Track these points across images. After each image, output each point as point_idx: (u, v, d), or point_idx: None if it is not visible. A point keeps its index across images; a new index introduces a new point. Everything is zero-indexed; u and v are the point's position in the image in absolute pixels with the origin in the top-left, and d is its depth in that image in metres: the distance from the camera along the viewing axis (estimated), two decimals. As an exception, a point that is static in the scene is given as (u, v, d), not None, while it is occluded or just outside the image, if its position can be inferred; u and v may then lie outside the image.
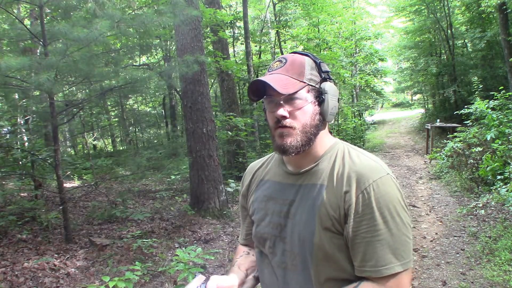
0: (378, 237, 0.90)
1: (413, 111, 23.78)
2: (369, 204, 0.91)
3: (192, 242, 4.82)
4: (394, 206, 0.92)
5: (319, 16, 13.29)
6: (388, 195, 0.92)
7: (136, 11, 6.20)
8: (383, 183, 0.93)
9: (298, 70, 1.00)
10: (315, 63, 1.03)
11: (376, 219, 0.90)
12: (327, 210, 0.96)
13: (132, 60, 8.19)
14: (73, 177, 8.28)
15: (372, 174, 0.94)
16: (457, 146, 7.43)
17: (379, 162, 1.00)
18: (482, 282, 3.44)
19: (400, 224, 0.91)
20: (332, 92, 1.02)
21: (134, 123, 14.24)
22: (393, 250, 0.90)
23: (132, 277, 2.56)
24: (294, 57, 1.03)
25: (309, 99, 1.00)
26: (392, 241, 0.90)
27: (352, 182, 0.95)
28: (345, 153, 1.03)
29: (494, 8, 11.26)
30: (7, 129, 7.69)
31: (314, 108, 1.01)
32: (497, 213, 5.02)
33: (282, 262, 1.04)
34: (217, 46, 8.75)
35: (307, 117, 1.00)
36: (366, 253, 0.91)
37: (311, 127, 1.00)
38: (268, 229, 1.08)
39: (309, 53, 1.05)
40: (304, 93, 0.99)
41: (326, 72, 1.04)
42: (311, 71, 1.02)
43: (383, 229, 0.90)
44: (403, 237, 0.91)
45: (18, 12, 7.63)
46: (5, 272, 3.74)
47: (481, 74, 13.25)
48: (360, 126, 14.26)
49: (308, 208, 0.99)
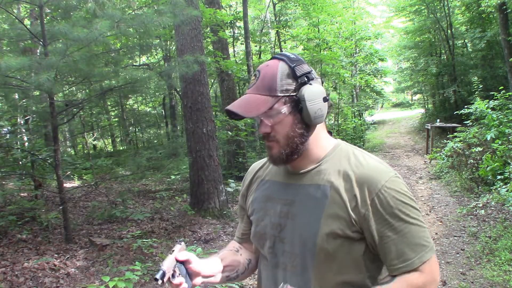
0: (402, 233, 0.93)
1: (413, 111, 23.77)
2: (386, 205, 0.93)
3: (192, 242, 4.82)
4: (408, 202, 0.95)
5: (319, 16, 13.29)
6: (401, 193, 0.95)
7: (136, 11, 6.20)
8: (394, 183, 0.95)
9: (268, 85, 0.97)
10: (289, 68, 0.98)
11: (397, 217, 0.93)
12: (336, 212, 0.95)
13: (132, 60, 8.20)
14: (73, 177, 8.29)
15: (382, 176, 0.96)
16: (457, 146, 7.43)
17: (384, 163, 1.01)
18: (482, 282, 3.44)
19: (416, 216, 0.95)
20: (311, 97, 0.96)
21: (134, 123, 14.25)
22: (418, 241, 0.94)
23: (132, 277, 2.56)
24: (266, 69, 0.99)
25: (284, 110, 0.97)
26: (416, 233, 0.94)
27: (363, 185, 0.95)
28: (350, 154, 1.02)
29: (494, 8, 11.25)
30: (7, 129, 7.70)
31: (293, 118, 0.98)
32: (497, 213, 5.02)
33: (282, 263, 1.04)
34: (217, 46, 8.75)
35: (287, 129, 0.99)
36: (396, 252, 0.94)
37: (294, 137, 0.99)
38: (267, 229, 1.07)
39: (285, 56, 1.00)
40: (279, 107, 0.97)
41: (304, 75, 0.98)
42: (284, 81, 0.97)
43: (405, 225, 0.93)
44: (422, 228, 0.96)
45: (18, 12, 7.63)
46: (5, 272, 3.74)
47: (481, 74, 13.25)
48: (360, 126, 14.26)
49: (311, 209, 0.98)
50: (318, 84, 1.00)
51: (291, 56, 1.00)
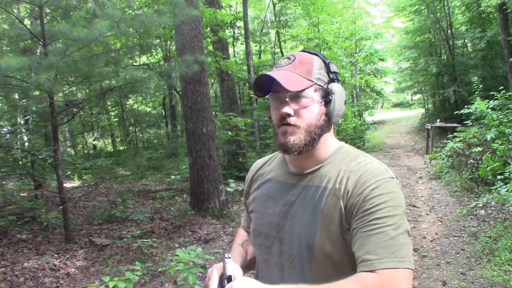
0: (374, 232, 0.87)
1: (413, 111, 23.79)
2: (369, 200, 0.90)
3: (192, 242, 4.82)
4: (394, 205, 0.90)
5: (319, 16, 13.30)
6: (391, 194, 0.91)
7: (136, 11, 6.20)
8: (387, 184, 0.93)
9: (306, 68, 0.99)
10: (323, 63, 1.02)
11: (375, 214, 0.89)
12: (330, 212, 0.95)
13: (132, 60, 8.20)
14: (73, 177, 8.29)
15: (376, 175, 0.94)
16: (457, 146, 7.43)
17: (383, 166, 0.99)
18: (482, 282, 3.44)
19: (397, 226, 0.88)
20: (339, 94, 1.01)
21: (134, 123, 14.26)
22: (388, 246, 0.86)
23: (132, 277, 2.56)
24: (303, 55, 1.02)
25: (315, 98, 0.98)
26: (389, 238, 0.87)
27: (355, 183, 0.94)
28: (352, 157, 1.02)
29: (494, 8, 11.25)
30: (7, 129, 7.70)
31: (320, 108, 0.99)
32: (497, 213, 5.02)
33: (279, 263, 1.03)
34: (217, 46, 8.75)
35: (313, 117, 0.98)
36: (362, 247, 0.88)
37: (316, 127, 0.99)
38: (266, 229, 1.07)
39: (318, 53, 1.04)
40: (311, 92, 0.98)
41: (335, 73, 1.03)
42: (319, 71, 1.00)
43: (380, 225, 0.88)
44: (400, 238, 0.88)
45: (18, 12, 7.63)
46: (5, 272, 3.74)
47: (481, 74, 13.24)
48: (360, 126, 14.27)
49: (309, 210, 0.98)
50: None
51: (323, 56, 1.04)
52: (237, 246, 1.23)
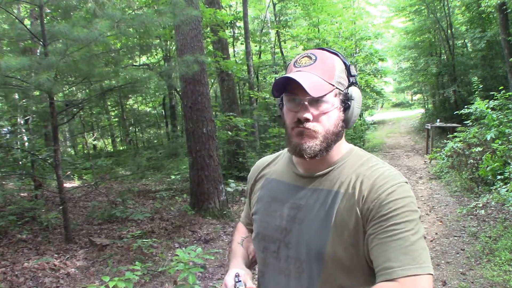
0: (394, 238, 0.85)
1: (413, 111, 23.78)
2: (386, 205, 0.88)
3: (192, 242, 4.82)
4: (410, 210, 0.88)
5: (319, 16, 13.30)
6: (406, 200, 0.89)
7: (136, 11, 6.19)
8: (402, 188, 0.90)
9: (328, 71, 0.94)
10: (344, 65, 0.98)
11: (393, 219, 0.87)
12: (344, 218, 0.92)
13: (132, 60, 8.19)
14: (73, 177, 8.29)
15: (391, 180, 0.91)
16: (457, 146, 7.43)
17: (395, 170, 0.96)
18: (482, 282, 3.44)
19: (416, 231, 0.87)
20: (358, 99, 0.98)
21: (134, 123, 14.26)
22: (409, 252, 0.85)
23: (132, 277, 2.56)
24: (324, 55, 0.97)
25: (335, 104, 0.95)
26: (409, 244, 0.85)
27: (370, 187, 0.91)
28: (364, 160, 0.99)
29: (494, 8, 11.25)
30: (7, 129, 7.70)
31: (339, 114, 0.96)
32: (497, 213, 5.02)
33: (286, 268, 1.00)
34: (217, 46, 8.75)
35: (331, 123, 0.95)
36: (382, 254, 0.86)
37: (333, 134, 0.96)
38: (271, 232, 1.03)
39: (339, 53, 1.00)
40: (332, 97, 0.94)
41: (354, 77, 0.98)
42: (340, 74, 0.96)
43: (399, 230, 0.86)
44: (420, 243, 0.86)
45: (18, 12, 7.63)
46: (5, 272, 3.74)
47: (481, 74, 13.25)
48: (360, 126, 14.25)
49: (320, 215, 0.95)
50: None
51: (344, 59, 1.00)
52: (237, 246, 1.20)
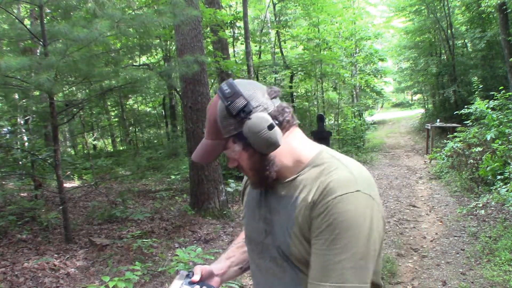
0: (322, 252, 0.87)
1: (413, 111, 23.80)
2: (324, 217, 0.87)
3: (192, 242, 4.82)
4: (348, 228, 0.85)
5: (319, 16, 13.30)
6: (346, 214, 0.85)
7: (136, 11, 6.19)
8: (346, 200, 0.86)
9: (214, 130, 0.96)
10: (225, 108, 0.93)
11: (324, 234, 0.86)
12: (301, 223, 0.93)
13: (132, 60, 8.20)
14: (73, 177, 8.29)
15: (338, 189, 0.88)
16: (457, 146, 7.43)
17: (357, 175, 0.91)
18: (482, 282, 3.44)
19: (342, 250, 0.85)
20: (253, 132, 0.91)
21: (134, 123, 14.25)
22: (328, 271, 0.85)
23: (132, 277, 2.56)
24: (210, 112, 0.97)
25: (237, 148, 0.96)
26: (331, 263, 0.85)
27: (319, 194, 0.90)
28: (328, 165, 0.96)
29: (494, 8, 11.26)
30: (7, 129, 7.70)
31: (248, 153, 0.96)
32: (497, 213, 5.02)
33: (270, 268, 1.04)
34: (217, 46, 8.75)
35: (248, 163, 0.98)
36: (311, 265, 0.90)
37: (257, 168, 0.98)
38: (254, 235, 1.08)
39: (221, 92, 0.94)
40: (231, 146, 0.97)
41: (240, 111, 0.92)
42: (225, 123, 0.94)
43: (327, 246, 0.86)
44: (347, 263, 0.84)
45: (18, 12, 7.63)
46: (5, 272, 3.74)
47: (481, 74, 13.25)
48: (360, 126, 14.27)
49: (285, 219, 0.98)
50: (259, 112, 0.93)
51: (225, 92, 0.94)
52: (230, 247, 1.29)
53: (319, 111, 13.41)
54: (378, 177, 8.72)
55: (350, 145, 12.71)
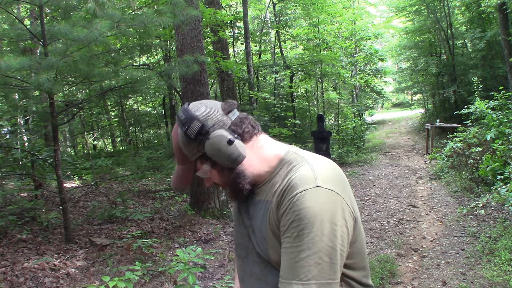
0: (288, 250, 0.87)
1: (413, 111, 23.80)
2: (287, 216, 0.88)
3: (192, 242, 4.82)
4: (309, 224, 0.85)
5: (319, 16, 13.29)
6: (305, 210, 0.85)
7: (136, 11, 6.19)
8: (305, 196, 0.87)
9: (181, 157, 1.02)
10: (184, 135, 0.97)
11: (288, 232, 0.87)
12: (272, 226, 0.94)
13: (132, 60, 8.20)
14: (73, 177, 8.29)
15: (298, 186, 0.89)
16: (457, 146, 7.43)
17: (318, 171, 0.92)
18: (482, 282, 3.44)
19: (307, 246, 0.85)
20: (214, 152, 0.94)
21: (134, 123, 14.26)
22: (295, 268, 0.85)
23: (132, 277, 2.56)
24: (174, 141, 1.02)
25: (206, 168, 1.00)
26: (297, 260, 0.85)
27: (284, 193, 0.92)
28: (292, 164, 0.98)
29: (494, 8, 11.27)
30: (7, 129, 7.70)
31: (217, 170, 1.00)
32: (497, 213, 5.02)
33: (254, 272, 1.05)
34: (217, 46, 8.75)
35: (220, 179, 1.02)
36: (281, 264, 0.90)
37: (230, 182, 1.00)
38: (240, 240, 1.10)
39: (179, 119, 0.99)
40: (200, 167, 1.01)
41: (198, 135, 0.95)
42: (187, 148, 0.98)
43: (290, 245, 0.87)
44: (311, 260, 0.84)
45: (18, 12, 7.63)
46: (5, 272, 3.74)
47: (481, 74, 13.25)
48: (360, 126, 14.26)
49: (259, 225, 0.99)
50: (217, 130, 0.95)
51: (181, 118, 0.97)
52: None
53: (319, 111, 13.41)
54: (378, 177, 8.72)
55: (350, 145, 12.71)
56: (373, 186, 7.74)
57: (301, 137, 12.20)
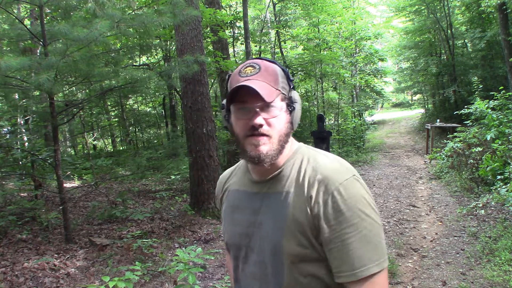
0: (350, 240, 0.89)
1: (413, 111, 23.79)
2: (337, 208, 0.90)
3: (192, 242, 4.82)
4: (362, 208, 0.91)
5: (319, 16, 13.30)
6: (355, 197, 0.91)
7: (136, 11, 6.20)
8: (349, 185, 0.92)
9: (273, 77, 0.98)
10: (283, 72, 1.02)
11: (346, 222, 0.89)
12: (297, 217, 0.94)
13: (132, 60, 8.20)
14: (73, 177, 8.29)
15: (337, 177, 0.93)
16: (457, 146, 7.43)
17: (344, 164, 0.99)
18: (482, 282, 3.44)
19: (370, 224, 0.90)
20: (299, 101, 1.03)
21: (134, 123, 14.25)
22: (366, 251, 0.89)
23: (132, 277, 2.56)
24: (266, 63, 1.00)
25: (283, 107, 0.99)
26: (365, 243, 0.89)
27: (318, 186, 0.93)
28: (310, 157, 1.01)
29: (494, 8, 11.26)
30: (7, 129, 7.70)
31: (286, 117, 1.00)
32: (497, 213, 5.02)
33: (254, 272, 1.03)
34: (217, 46, 8.75)
35: (282, 126, 0.98)
36: (341, 258, 0.90)
37: (285, 135, 0.99)
38: (237, 240, 1.07)
39: (276, 61, 1.03)
40: (279, 102, 0.98)
41: (292, 81, 1.04)
42: (282, 79, 1.00)
43: (354, 232, 0.89)
44: (375, 238, 0.91)
45: (18, 12, 7.63)
46: (5, 272, 3.74)
47: (481, 74, 13.25)
48: (360, 126, 14.26)
49: (275, 217, 0.98)
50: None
51: (278, 63, 1.03)
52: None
53: (319, 111, 13.41)
54: (378, 177, 8.71)
55: (350, 145, 12.71)
56: (373, 186, 7.74)
57: (301, 137, 12.19)
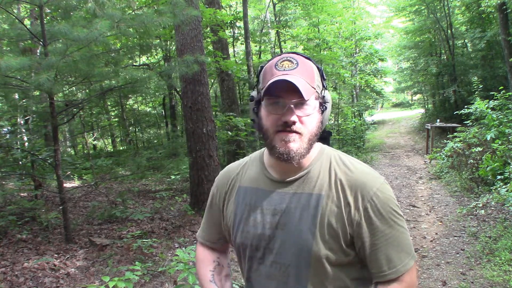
0: (390, 240, 0.95)
1: (413, 111, 23.80)
2: (377, 212, 0.95)
3: (192, 242, 4.82)
4: (395, 209, 0.97)
5: (319, 16, 13.30)
6: (389, 200, 0.97)
7: (136, 11, 6.19)
8: (383, 190, 0.97)
9: (310, 74, 0.96)
10: (318, 69, 1.01)
11: (385, 225, 0.95)
12: (330, 221, 0.94)
13: (132, 60, 8.19)
14: (73, 177, 8.27)
15: (373, 182, 0.97)
16: (457, 146, 7.43)
17: (371, 168, 1.03)
18: (482, 282, 3.44)
19: (401, 223, 0.97)
20: (330, 101, 1.04)
21: (134, 123, 14.24)
22: (403, 248, 0.96)
23: (132, 277, 2.56)
24: (303, 59, 0.98)
25: (317, 106, 0.98)
26: (401, 241, 0.96)
27: (356, 191, 0.95)
28: (337, 160, 1.02)
29: (494, 8, 11.26)
30: (7, 129, 7.70)
31: (318, 117, 0.99)
32: (497, 213, 5.02)
33: (271, 273, 1.01)
34: (217, 46, 8.75)
35: (314, 125, 0.97)
36: (384, 259, 0.95)
37: (315, 134, 0.98)
38: (254, 241, 1.03)
39: (310, 58, 1.03)
40: (313, 100, 0.96)
41: (325, 80, 1.04)
42: (317, 78, 0.99)
43: (392, 233, 0.95)
44: (406, 234, 0.98)
45: (18, 12, 7.63)
46: (5, 272, 3.73)
47: (481, 74, 13.25)
48: (360, 126, 14.27)
49: (304, 218, 0.96)
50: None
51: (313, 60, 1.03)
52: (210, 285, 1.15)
53: (319, 111, 13.38)
54: (378, 177, 8.71)
55: (350, 145, 12.71)
56: (373, 186, 7.73)
57: (301, 137, 12.18)
